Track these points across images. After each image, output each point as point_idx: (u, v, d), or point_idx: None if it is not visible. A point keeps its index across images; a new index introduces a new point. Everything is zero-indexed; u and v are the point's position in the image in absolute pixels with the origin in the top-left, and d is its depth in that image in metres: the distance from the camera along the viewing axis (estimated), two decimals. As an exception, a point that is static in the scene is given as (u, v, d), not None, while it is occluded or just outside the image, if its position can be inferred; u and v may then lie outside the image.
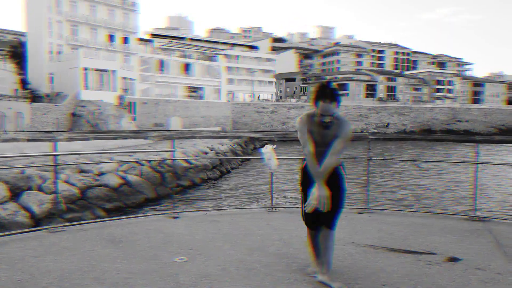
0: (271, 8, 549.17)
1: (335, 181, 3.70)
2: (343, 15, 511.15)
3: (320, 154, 3.63)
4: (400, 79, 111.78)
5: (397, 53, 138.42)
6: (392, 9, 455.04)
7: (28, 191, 14.64)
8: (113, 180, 17.94)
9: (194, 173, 23.21)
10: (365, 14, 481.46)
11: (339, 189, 3.70)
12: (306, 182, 3.76)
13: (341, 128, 3.58)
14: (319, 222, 3.69)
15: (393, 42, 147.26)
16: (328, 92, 3.49)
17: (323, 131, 3.60)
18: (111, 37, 56.01)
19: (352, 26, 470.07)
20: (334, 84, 3.60)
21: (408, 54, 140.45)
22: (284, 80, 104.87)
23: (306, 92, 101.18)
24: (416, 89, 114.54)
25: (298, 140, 3.73)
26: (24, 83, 48.79)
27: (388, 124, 73.60)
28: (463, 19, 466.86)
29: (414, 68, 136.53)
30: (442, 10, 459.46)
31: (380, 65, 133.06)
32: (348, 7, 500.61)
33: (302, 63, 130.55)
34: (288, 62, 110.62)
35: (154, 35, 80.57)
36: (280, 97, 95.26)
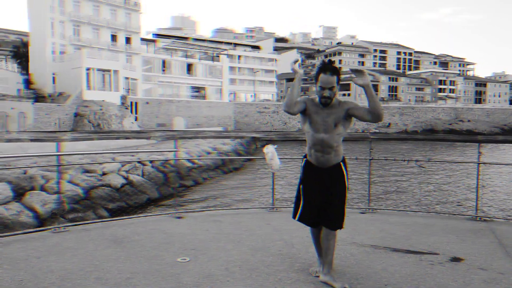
0: (274, 8, 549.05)
1: (338, 178, 3.66)
2: (344, 15, 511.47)
3: (320, 143, 3.59)
4: (402, 79, 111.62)
5: (399, 53, 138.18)
6: (392, 9, 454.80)
7: (31, 191, 14.67)
8: (116, 180, 17.97)
9: (197, 173, 23.24)
10: (365, 14, 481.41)
11: (342, 186, 3.65)
12: (306, 179, 3.72)
13: (344, 107, 3.55)
14: (319, 221, 3.67)
15: (395, 42, 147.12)
16: (328, 66, 3.47)
17: (324, 113, 3.55)
18: (114, 37, 56.08)
19: (353, 26, 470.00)
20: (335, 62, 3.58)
21: (410, 54, 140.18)
22: (285, 80, 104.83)
23: (306, 92, 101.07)
24: (419, 89, 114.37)
25: (299, 140, 3.72)
26: (27, 83, 48.89)
27: (389, 124, 73.54)
28: (463, 19, 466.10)
29: (416, 68, 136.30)
30: (442, 10, 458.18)
31: (382, 65, 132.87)
32: (349, 7, 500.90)
33: (305, 63, 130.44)
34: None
35: (157, 35, 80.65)
36: (281, 97, 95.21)
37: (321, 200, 3.63)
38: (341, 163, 3.69)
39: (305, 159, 3.79)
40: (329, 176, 3.64)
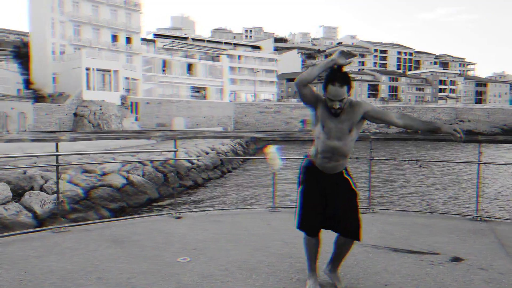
0: (273, 8, 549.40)
1: (342, 183, 3.42)
2: (343, 16, 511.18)
3: (332, 151, 3.30)
4: (403, 79, 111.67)
5: (400, 53, 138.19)
6: (390, 9, 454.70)
7: (30, 191, 14.65)
8: (116, 180, 17.96)
9: (196, 173, 23.23)
10: (365, 14, 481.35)
11: (352, 193, 3.42)
12: (307, 180, 3.44)
13: (359, 111, 3.27)
14: (335, 228, 3.43)
15: (396, 42, 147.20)
16: (338, 75, 3.14)
17: (337, 119, 3.25)
18: (114, 37, 56.10)
19: (353, 26, 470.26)
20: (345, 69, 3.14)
21: (411, 54, 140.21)
22: (285, 80, 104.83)
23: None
24: (419, 89, 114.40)
25: (301, 140, 3.64)
26: (27, 83, 48.92)
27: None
28: (462, 19, 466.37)
29: (417, 68, 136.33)
30: (441, 10, 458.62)
31: (383, 65, 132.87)
32: (347, 7, 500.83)
33: (305, 63, 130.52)
34: (291, 62, 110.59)
35: (157, 35, 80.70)
36: (282, 97, 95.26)
37: (322, 206, 3.38)
38: (344, 170, 3.46)
39: (307, 159, 3.50)
40: (332, 182, 3.40)
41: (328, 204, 3.38)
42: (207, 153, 29.60)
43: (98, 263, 4.10)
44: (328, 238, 3.59)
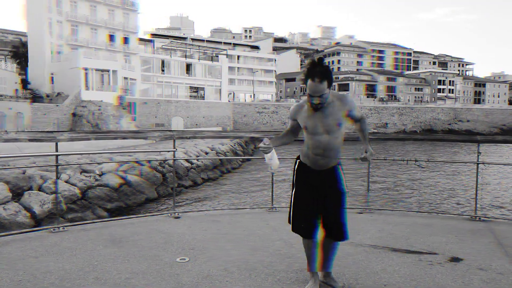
0: (272, 8, 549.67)
1: (333, 182, 3.38)
2: (341, 16, 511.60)
3: (323, 146, 3.27)
4: (400, 79, 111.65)
5: (397, 53, 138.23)
6: (389, 9, 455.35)
7: (29, 191, 14.63)
8: (114, 180, 17.93)
9: (195, 173, 23.21)
10: (363, 14, 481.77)
11: (339, 192, 3.39)
12: (299, 182, 3.44)
13: (343, 108, 3.26)
14: (324, 230, 3.42)
15: (393, 42, 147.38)
16: (317, 71, 3.08)
17: (321, 114, 3.23)
18: (112, 37, 56.01)
19: (351, 27, 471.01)
20: (326, 62, 3.31)
21: (409, 54, 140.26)
22: (284, 80, 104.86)
23: (305, 92, 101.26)
24: (418, 89, 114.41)
25: (298, 140, 3.63)
26: (25, 83, 48.84)
27: (386, 124, 73.62)
28: (461, 19, 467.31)
29: (415, 68, 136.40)
30: (439, 10, 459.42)
31: (380, 65, 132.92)
32: (346, 7, 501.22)
33: (303, 63, 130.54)
34: (290, 62, 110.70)
35: (155, 35, 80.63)
36: (280, 97, 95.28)
37: (316, 207, 3.35)
38: (338, 165, 3.44)
39: (298, 160, 3.48)
40: (324, 179, 3.36)
41: (321, 201, 3.36)
42: (206, 153, 29.59)
43: (97, 263, 4.10)
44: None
